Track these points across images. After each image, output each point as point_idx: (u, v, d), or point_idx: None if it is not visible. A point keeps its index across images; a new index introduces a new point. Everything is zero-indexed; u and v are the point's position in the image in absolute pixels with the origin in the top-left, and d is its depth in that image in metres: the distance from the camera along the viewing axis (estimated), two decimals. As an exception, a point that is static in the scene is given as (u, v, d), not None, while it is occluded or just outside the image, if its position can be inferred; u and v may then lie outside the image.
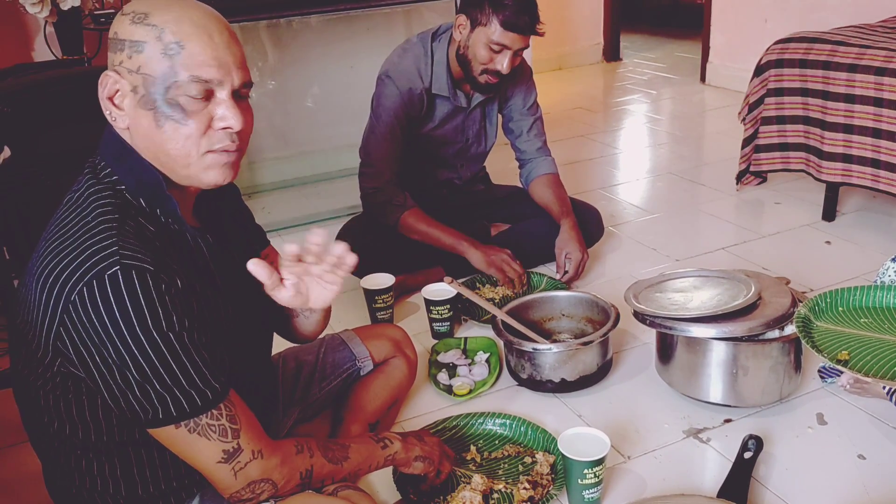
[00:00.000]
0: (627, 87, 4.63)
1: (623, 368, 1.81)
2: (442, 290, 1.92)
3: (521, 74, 2.21)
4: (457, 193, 2.33)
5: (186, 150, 0.99)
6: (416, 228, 2.10)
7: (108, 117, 1.01)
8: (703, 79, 4.51)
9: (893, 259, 1.61)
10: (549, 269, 2.26)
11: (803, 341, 1.37)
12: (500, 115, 2.30)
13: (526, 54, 2.11)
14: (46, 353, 0.97)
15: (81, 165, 1.06)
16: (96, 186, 1.01)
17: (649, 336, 1.82)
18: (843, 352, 1.34)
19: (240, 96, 1.02)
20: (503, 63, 1.99)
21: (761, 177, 2.75)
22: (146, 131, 0.99)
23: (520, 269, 2.08)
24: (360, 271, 2.10)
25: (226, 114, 0.99)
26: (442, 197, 2.29)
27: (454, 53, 2.06)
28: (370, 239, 2.11)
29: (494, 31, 1.94)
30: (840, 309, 1.48)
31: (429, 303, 1.93)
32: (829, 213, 2.56)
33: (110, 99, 1.00)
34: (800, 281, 2.13)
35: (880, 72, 2.23)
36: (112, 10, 2.77)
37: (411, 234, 2.11)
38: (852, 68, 2.30)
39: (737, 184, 2.80)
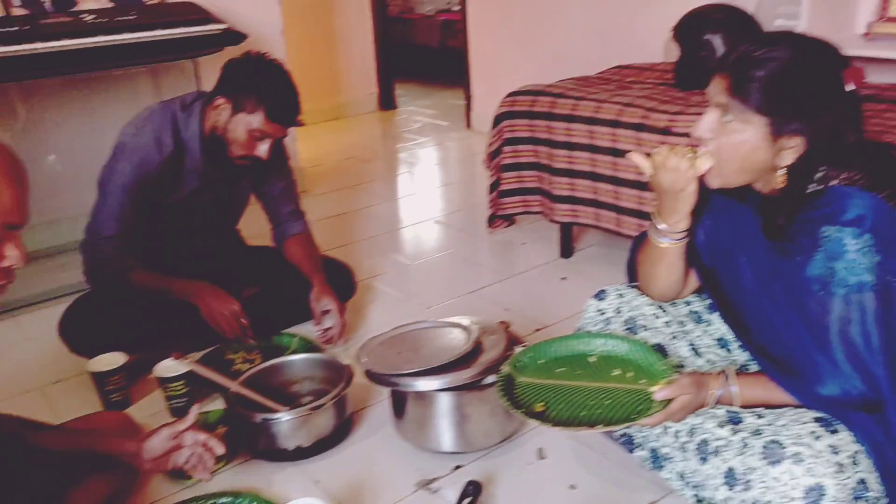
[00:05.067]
0: (400, 135, 4.78)
1: (363, 427, 1.83)
2: (175, 365, 1.84)
3: (277, 157, 2.15)
4: (208, 262, 2.26)
5: None
6: (147, 281, 2.01)
7: None
8: (468, 125, 4.75)
9: (594, 296, 1.75)
10: (301, 329, 2.24)
11: (501, 400, 1.42)
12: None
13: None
14: None
15: None
16: None
17: (388, 392, 1.85)
18: (539, 404, 1.41)
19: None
20: (263, 150, 1.97)
21: (509, 220, 2.92)
22: None
23: (237, 327, 2.01)
24: (91, 351, 1.98)
25: (15, 254, 1.06)
26: (194, 265, 2.21)
27: (208, 129, 2.01)
28: (102, 315, 2.00)
29: (258, 119, 1.93)
30: (540, 362, 1.53)
31: (162, 381, 1.84)
32: (567, 251, 2.76)
33: None
34: (538, 318, 2.27)
35: (591, 121, 2.46)
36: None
37: (145, 287, 2.01)
38: (570, 118, 2.52)
39: (489, 227, 2.96)
